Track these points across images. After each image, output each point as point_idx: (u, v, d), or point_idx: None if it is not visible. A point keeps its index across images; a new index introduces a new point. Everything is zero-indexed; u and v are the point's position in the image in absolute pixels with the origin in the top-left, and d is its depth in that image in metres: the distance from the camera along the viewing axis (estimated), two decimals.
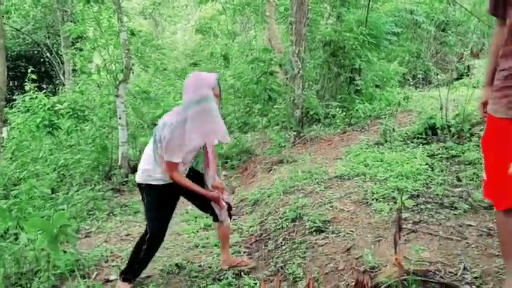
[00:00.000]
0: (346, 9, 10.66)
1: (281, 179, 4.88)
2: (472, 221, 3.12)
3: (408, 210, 3.46)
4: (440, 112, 6.03)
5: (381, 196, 3.85)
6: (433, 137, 5.82)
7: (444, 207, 3.48)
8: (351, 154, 5.55)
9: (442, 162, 4.76)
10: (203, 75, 2.82)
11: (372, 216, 3.53)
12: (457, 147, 5.11)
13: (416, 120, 6.88)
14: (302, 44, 7.15)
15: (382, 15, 11.55)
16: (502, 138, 1.92)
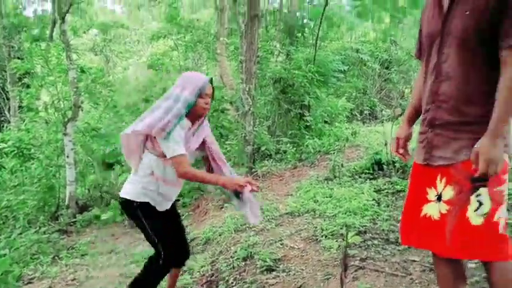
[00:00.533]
0: (295, 47, 11.05)
1: (232, 216, 4.89)
2: (415, 257, 3.24)
3: (356, 246, 3.56)
4: (385, 148, 6.28)
5: (329, 233, 3.93)
6: (380, 172, 6.01)
7: (390, 242, 3.60)
8: (301, 190, 5.64)
9: (388, 197, 4.93)
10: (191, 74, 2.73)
11: (321, 253, 3.60)
12: (401, 182, 5.31)
13: (364, 156, 7.11)
14: (252, 81, 7.31)
15: (329, 53, 12.04)
16: (418, 182, 2.03)
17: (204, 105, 2.61)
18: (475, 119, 1.83)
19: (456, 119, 1.87)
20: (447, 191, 1.88)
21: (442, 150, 1.90)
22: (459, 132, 1.87)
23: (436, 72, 1.93)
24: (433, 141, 1.93)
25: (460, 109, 1.86)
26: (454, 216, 1.84)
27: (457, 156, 1.85)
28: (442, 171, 1.91)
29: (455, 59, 1.85)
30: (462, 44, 1.82)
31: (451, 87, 1.87)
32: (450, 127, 1.89)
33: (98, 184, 7.73)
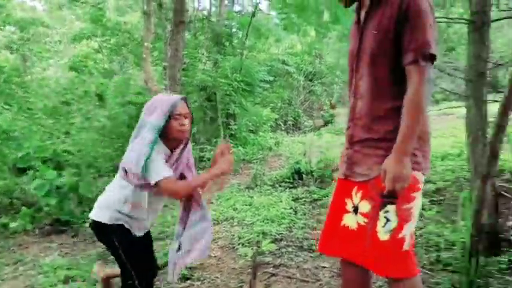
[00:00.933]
0: (222, 56, 11.10)
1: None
2: (326, 263, 3.35)
3: (271, 254, 3.62)
4: (305, 158, 6.45)
5: (246, 241, 3.96)
6: (299, 181, 6.17)
7: (303, 249, 3.70)
8: (222, 198, 5.65)
9: (305, 205, 5.06)
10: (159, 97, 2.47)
11: (237, 261, 3.61)
12: (319, 191, 5.48)
13: (285, 165, 7.26)
14: (177, 88, 7.23)
15: (256, 63, 12.20)
16: (339, 194, 2.10)
17: (179, 127, 2.33)
18: (384, 136, 1.89)
19: (369, 136, 1.94)
20: (364, 204, 1.94)
21: (360, 167, 1.97)
22: (372, 149, 1.94)
23: (354, 90, 2.01)
24: (353, 158, 2.01)
25: (371, 126, 1.93)
26: (369, 230, 1.92)
27: (371, 173, 1.92)
28: (359, 185, 1.98)
29: (367, 77, 1.92)
30: (372, 63, 1.89)
31: (364, 105, 1.95)
32: (365, 144, 1.96)
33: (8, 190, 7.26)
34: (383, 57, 1.86)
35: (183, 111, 2.35)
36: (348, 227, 2.01)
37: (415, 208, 1.89)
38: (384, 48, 1.85)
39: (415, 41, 1.76)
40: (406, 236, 1.85)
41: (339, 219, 2.05)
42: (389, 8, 1.82)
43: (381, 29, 1.84)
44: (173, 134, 2.34)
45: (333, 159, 6.62)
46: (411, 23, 1.76)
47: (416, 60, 1.76)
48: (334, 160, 6.74)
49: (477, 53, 3.15)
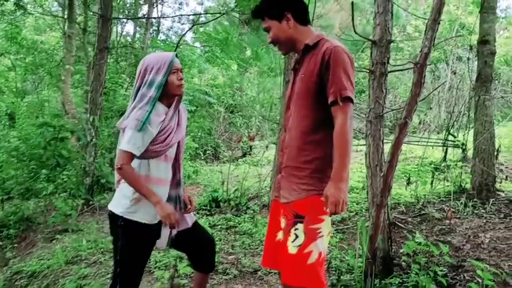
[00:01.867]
0: None
1: (64, 248, 4.72)
2: (239, 285, 3.56)
3: (187, 277, 3.76)
4: (222, 186, 6.68)
5: (163, 264, 4.07)
6: (216, 209, 6.37)
7: (218, 273, 3.89)
8: None
9: (222, 232, 5.26)
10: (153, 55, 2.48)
11: (153, 284, 3.72)
12: (235, 218, 5.71)
13: (203, 193, 7.44)
14: (97, 112, 7.20)
15: None
16: (274, 213, 2.41)
17: (178, 82, 2.39)
18: (300, 165, 2.21)
19: (290, 163, 2.26)
20: (282, 221, 2.27)
21: (283, 190, 2.28)
22: (291, 176, 2.25)
23: (285, 124, 2.37)
24: (280, 182, 2.33)
25: (293, 156, 2.25)
26: (281, 244, 2.24)
27: (290, 197, 2.22)
28: (282, 206, 2.30)
29: (294, 113, 2.26)
30: (299, 101, 2.23)
31: (290, 137, 2.28)
32: (287, 171, 2.28)
33: None
34: (306, 96, 2.19)
35: (179, 66, 2.43)
36: (279, 240, 2.31)
37: (324, 228, 2.17)
38: (308, 89, 2.17)
39: (334, 86, 2.09)
40: (313, 252, 2.13)
41: (274, 235, 2.36)
42: (315, 57, 2.17)
43: (307, 73, 2.18)
44: (173, 90, 2.40)
45: (248, 188, 6.92)
46: (331, 72, 2.09)
47: (336, 101, 2.08)
48: (249, 189, 7.06)
49: (375, 99, 3.61)
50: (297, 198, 2.19)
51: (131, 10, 16.19)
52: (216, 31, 13.66)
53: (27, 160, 7.61)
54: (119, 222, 2.31)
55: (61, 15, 14.73)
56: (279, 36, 2.29)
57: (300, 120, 2.22)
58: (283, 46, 2.36)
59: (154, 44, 13.95)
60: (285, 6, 2.26)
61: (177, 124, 2.46)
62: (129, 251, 2.33)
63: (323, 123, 2.16)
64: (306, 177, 2.18)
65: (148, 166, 2.36)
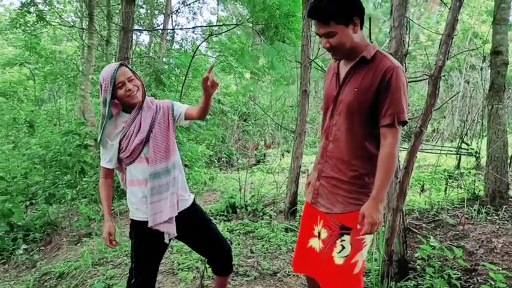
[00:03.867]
0: (161, 91, 11.40)
1: (90, 251, 4.92)
2: (260, 286, 3.72)
3: (209, 278, 3.92)
4: (240, 193, 6.85)
5: (186, 266, 4.24)
6: (233, 215, 6.53)
7: (239, 275, 4.05)
8: None
9: (240, 236, 5.42)
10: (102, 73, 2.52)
11: (177, 285, 3.89)
12: (252, 224, 5.87)
13: (220, 199, 7.61)
14: None
15: (193, 101, 12.60)
16: (307, 218, 2.43)
17: (126, 93, 2.47)
18: (348, 179, 2.20)
19: (336, 175, 2.24)
20: (323, 231, 2.27)
21: (323, 199, 2.28)
22: (336, 188, 2.24)
23: (327, 132, 2.30)
24: (319, 190, 2.33)
25: (339, 168, 2.23)
26: (325, 254, 2.24)
27: (333, 208, 2.23)
28: (321, 214, 2.31)
29: (342, 125, 2.20)
30: (348, 114, 2.16)
31: (335, 148, 2.24)
32: (330, 181, 2.26)
33: None
34: (358, 112, 2.13)
35: (123, 78, 2.44)
36: (313, 249, 2.34)
37: (368, 238, 2.21)
38: (360, 104, 2.11)
39: (392, 108, 2.05)
40: (358, 262, 2.19)
41: (306, 241, 2.40)
42: (372, 73, 2.09)
43: (362, 88, 2.11)
44: (127, 101, 2.49)
45: (264, 195, 7.09)
46: (391, 93, 2.05)
47: (392, 124, 2.06)
48: (265, 196, 7.23)
49: None
50: (343, 212, 2.20)
51: (146, 21, 16.54)
52: (230, 41, 13.91)
53: (50, 166, 7.87)
54: (130, 223, 2.62)
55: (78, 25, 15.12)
56: (345, 42, 2.11)
57: (349, 133, 2.18)
58: (341, 53, 2.18)
59: (170, 54, 14.21)
60: (354, 10, 2.08)
61: (138, 127, 2.52)
62: (136, 247, 2.58)
63: (370, 139, 2.16)
64: (354, 191, 2.19)
65: (130, 171, 2.56)
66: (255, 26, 12.11)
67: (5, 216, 6.17)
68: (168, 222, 2.53)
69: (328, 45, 2.12)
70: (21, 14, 11.70)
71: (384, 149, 2.08)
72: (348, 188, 2.20)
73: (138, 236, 2.59)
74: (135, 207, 2.57)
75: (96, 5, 10.68)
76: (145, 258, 2.59)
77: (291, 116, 15.62)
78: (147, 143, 2.52)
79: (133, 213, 2.59)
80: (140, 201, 2.54)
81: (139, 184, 2.54)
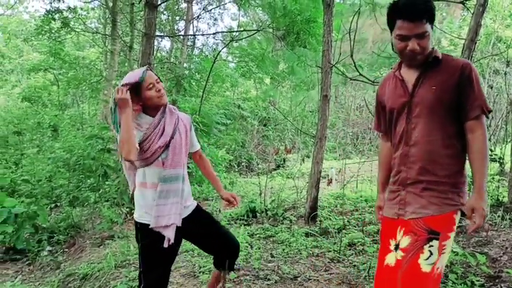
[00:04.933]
0: (182, 96, 11.54)
1: (113, 253, 5.00)
2: None
3: (231, 281, 3.96)
4: (260, 197, 6.88)
5: (207, 269, 4.27)
6: (254, 219, 6.56)
7: (260, 278, 4.06)
8: None
9: (260, 241, 5.44)
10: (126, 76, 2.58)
11: (199, 287, 3.93)
12: (272, 228, 5.88)
13: (240, 204, 7.64)
14: None
15: (214, 106, 12.71)
16: (385, 235, 2.29)
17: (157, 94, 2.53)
18: (440, 179, 2.12)
19: (425, 178, 2.14)
20: (405, 239, 2.12)
21: (412, 206, 2.16)
22: (426, 190, 2.14)
23: (405, 138, 2.21)
24: (406, 199, 2.20)
25: (428, 170, 2.14)
26: (407, 261, 2.08)
27: (423, 211, 2.11)
28: (404, 223, 2.17)
29: (423, 127, 2.14)
30: (429, 114, 2.12)
31: (419, 150, 2.16)
32: (419, 185, 2.16)
33: None
34: (440, 110, 2.11)
35: (152, 80, 2.53)
36: (388, 265, 2.18)
37: (449, 245, 2.12)
38: (441, 102, 2.10)
39: (478, 100, 2.08)
40: (439, 269, 2.07)
41: (382, 260, 2.24)
42: (446, 71, 2.11)
43: (441, 86, 2.10)
44: (155, 102, 2.53)
45: (285, 199, 7.11)
46: (473, 86, 2.08)
47: (480, 115, 2.08)
48: (286, 200, 7.24)
49: None
50: (438, 213, 2.10)
51: (167, 26, 16.75)
52: (251, 46, 14.00)
53: (74, 170, 8.03)
54: (137, 226, 2.58)
55: (101, 32, 15.40)
56: (429, 45, 2.11)
57: (432, 133, 2.14)
58: (423, 56, 2.14)
59: (191, 59, 14.36)
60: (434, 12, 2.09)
61: (162, 130, 2.55)
62: (143, 250, 2.57)
63: (454, 137, 2.14)
64: (448, 191, 2.12)
65: (144, 173, 2.55)
66: (275, 31, 12.17)
67: (30, 219, 6.31)
68: (169, 227, 2.54)
69: (417, 48, 2.07)
70: (46, 21, 11.99)
71: (476, 141, 2.08)
72: (441, 188, 2.12)
73: (145, 239, 2.55)
74: (144, 210, 2.54)
75: (120, 11, 10.88)
76: (153, 261, 2.57)
77: (311, 121, 15.62)
78: (168, 147, 2.56)
79: (142, 216, 2.55)
80: (151, 204, 2.53)
81: (152, 187, 2.55)
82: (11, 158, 12.09)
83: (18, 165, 10.84)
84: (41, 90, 17.99)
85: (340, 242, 4.92)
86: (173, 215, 2.55)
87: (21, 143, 13.16)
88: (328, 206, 6.84)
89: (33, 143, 13.03)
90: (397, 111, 2.24)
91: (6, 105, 20.44)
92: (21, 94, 18.49)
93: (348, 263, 4.46)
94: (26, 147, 12.61)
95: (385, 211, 2.33)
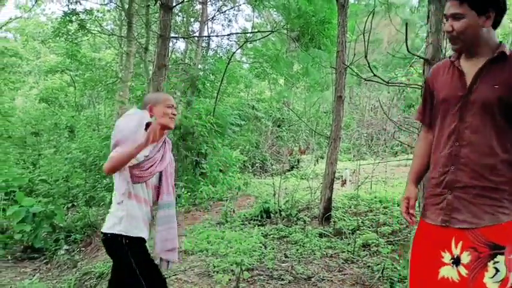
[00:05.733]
0: (196, 97, 11.61)
1: None
2: None
3: (245, 281, 3.98)
4: (274, 198, 6.90)
5: (221, 269, 4.31)
6: (267, 220, 6.57)
7: (273, 278, 4.08)
8: (195, 232, 5.98)
9: (274, 241, 5.46)
10: None
11: (213, 286, 3.96)
12: (286, 229, 5.90)
13: (254, 204, 7.67)
14: None
15: (228, 107, 12.76)
16: (431, 244, 2.01)
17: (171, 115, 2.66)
18: (497, 186, 1.90)
19: (478, 183, 1.92)
20: (464, 255, 1.89)
21: (463, 214, 1.93)
22: (480, 197, 1.91)
23: (456, 136, 1.98)
24: (453, 204, 1.95)
25: (482, 174, 1.92)
26: (471, 281, 1.86)
27: (478, 221, 1.88)
28: (458, 235, 1.93)
29: (479, 127, 1.94)
30: (487, 114, 1.93)
31: (472, 152, 1.94)
32: (471, 191, 1.92)
33: None
34: (500, 111, 1.92)
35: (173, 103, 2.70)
36: (448, 279, 1.94)
37: None
38: (503, 102, 1.90)
39: None
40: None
41: (434, 272, 1.98)
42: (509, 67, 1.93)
43: (504, 85, 1.91)
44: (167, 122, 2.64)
45: (299, 200, 7.12)
46: None
47: None
48: (299, 201, 7.25)
49: None
50: (494, 223, 1.88)
51: (182, 28, 16.86)
52: (265, 47, 14.02)
53: (90, 170, 8.15)
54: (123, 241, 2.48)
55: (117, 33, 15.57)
56: (468, 30, 1.95)
57: (488, 135, 1.94)
58: (462, 42, 2.00)
59: (206, 61, 14.44)
60: (491, 3, 1.94)
61: (161, 156, 2.62)
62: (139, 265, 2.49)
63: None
64: (504, 199, 1.90)
65: (135, 187, 2.54)
66: (290, 32, 12.18)
67: (48, 218, 6.43)
68: (172, 251, 2.68)
69: (450, 28, 1.97)
70: (63, 23, 12.16)
71: None
72: (497, 195, 1.90)
73: (137, 254, 2.50)
74: (135, 223, 2.51)
75: (135, 13, 11.00)
76: (150, 272, 2.54)
77: (325, 122, 15.59)
78: (162, 174, 2.68)
79: (131, 229, 2.50)
80: (142, 218, 2.56)
81: (141, 202, 2.58)
82: (29, 158, 12.32)
83: (36, 165, 11.04)
84: (57, 92, 18.26)
85: (354, 243, 4.92)
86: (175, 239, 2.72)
87: (39, 143, 13.40)
88: (342, 206, 6.83)
89: (50, 143, 13.25)
90: (450, 105, 2.03)
91: (24, 106, 20.78)
92: (38, 95, 18.79)
93: (362, 263, 4.46)
94: (43, 147, 12.83)
95: (427, 216, 2.07)
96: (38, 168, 10.30)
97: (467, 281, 1.87)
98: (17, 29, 24.27)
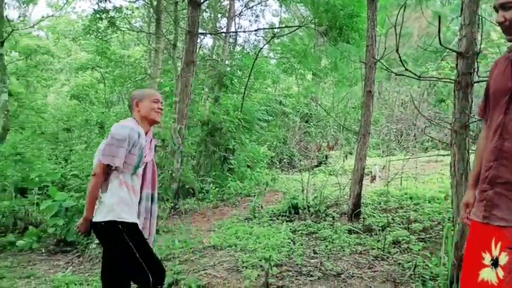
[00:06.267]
0: (223, 93, 11.65)
1: (158, 246, 5.12)
2: (324, 286, 3.72)
3: (273, 277, 3.98)
4: (302, 194, 6.86)
5: (250, 264, 4.32)
6: (296, 215, 6.55)
7: (302, 274, 4.06)
8: (223, 227, 6.01)
9: (302, 237, 5.43)
10: None
11: (242, 281, 3.96)
12: (314, 225, 5.87)
13: (282, 200, 7.66)
14: (183, 122, 7.69)
15: (255, 103, 12.77)
16: (476, 242, 1.95)
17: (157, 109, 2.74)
18: None
19: None
20: (502, 256, 1.79)
21: (502, 211, 1.83)
22: None
23: (501, 129, 1.89)
24: (493, 200, 1.87)
25: None
26: (506, 284, 1.77)
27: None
28: (498, 234, 1.84)
29: None
30: None
31: None
32: (511, 187, 1.83)
33: (13, 210, 7.54)
34: None
35: (159, 98, 2.80)
36: (487, 282, 1.85)
37: None
38: None
39: None
40: None
41: (475, 274, 1.91)
42: None
43: None
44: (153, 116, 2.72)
45: (327, 196, 7.06)
46: None
47: None
48: (328, 197, 7.20)
49: (461, 108, 3.64)
50: None
51: (209, 24, 16.93)
52: (293, 42, 13.95)
53: None
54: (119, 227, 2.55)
55: (146, 30, 15.74)
56: None
57: None
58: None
59: (232, 56, 14.46)
60: None
61: (149, 147, 2.73)
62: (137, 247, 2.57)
63: None
64: None
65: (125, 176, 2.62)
66: (318, 27, 12.08)
67: (80, 212, 6.53)
68: None
69: (502, 19, 1.87)
70: (93, 21, 12.37)
71: None
72: None
73: (133, 236, 2.58)
74: (127, 209, 2.59)
75: (164, 10, 11.09)
76: (147, 252, 2.65)
77: (354, 117, 15.43)
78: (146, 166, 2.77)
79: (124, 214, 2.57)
80: (133, 205, 2.66)
81: (131, 190, 2.65)
82: (61, 153, 12.59)
83: (68, 160, 11.27)
84: (88, 88, 18.59)
85: (384, 240, 4.85)
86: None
87: (70, 139, 13.68)
88: (372, 203, 6.75)
89: (81, 139, 13.50)
90: (497, 96, 1.95)
91: (56, 103, 21.26)
92: (69, 92, 19.17)
93: (393, 261, 4.39)
94: (74, 143, 13.09)
95: (473, 212, 2.00)
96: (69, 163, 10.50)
97: (504, 284, 1.77)
98: (48, 27, 24.82)
